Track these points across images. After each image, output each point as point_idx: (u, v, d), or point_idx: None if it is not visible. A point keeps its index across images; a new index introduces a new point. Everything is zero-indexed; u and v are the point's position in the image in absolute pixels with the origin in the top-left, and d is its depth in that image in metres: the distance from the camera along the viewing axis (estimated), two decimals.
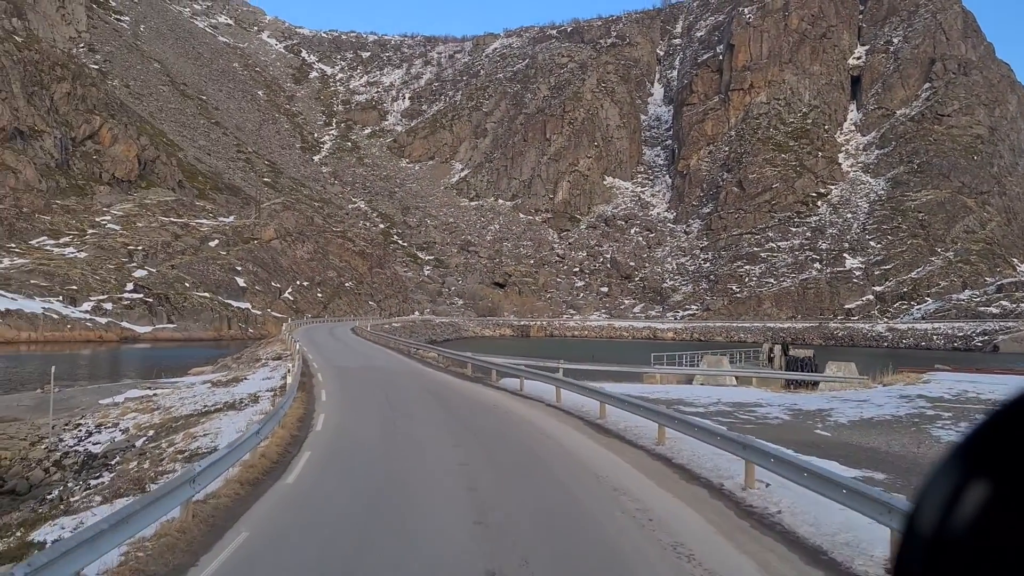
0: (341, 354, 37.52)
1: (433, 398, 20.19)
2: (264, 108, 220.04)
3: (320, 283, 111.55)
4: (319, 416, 16.54)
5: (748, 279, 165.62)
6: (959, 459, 0.73)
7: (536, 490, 10.38)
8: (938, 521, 0.71)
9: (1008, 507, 0.68)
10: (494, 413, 17.79)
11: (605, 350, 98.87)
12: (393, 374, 26.83)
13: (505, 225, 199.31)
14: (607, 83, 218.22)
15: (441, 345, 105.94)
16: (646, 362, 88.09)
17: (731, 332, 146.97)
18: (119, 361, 60.78)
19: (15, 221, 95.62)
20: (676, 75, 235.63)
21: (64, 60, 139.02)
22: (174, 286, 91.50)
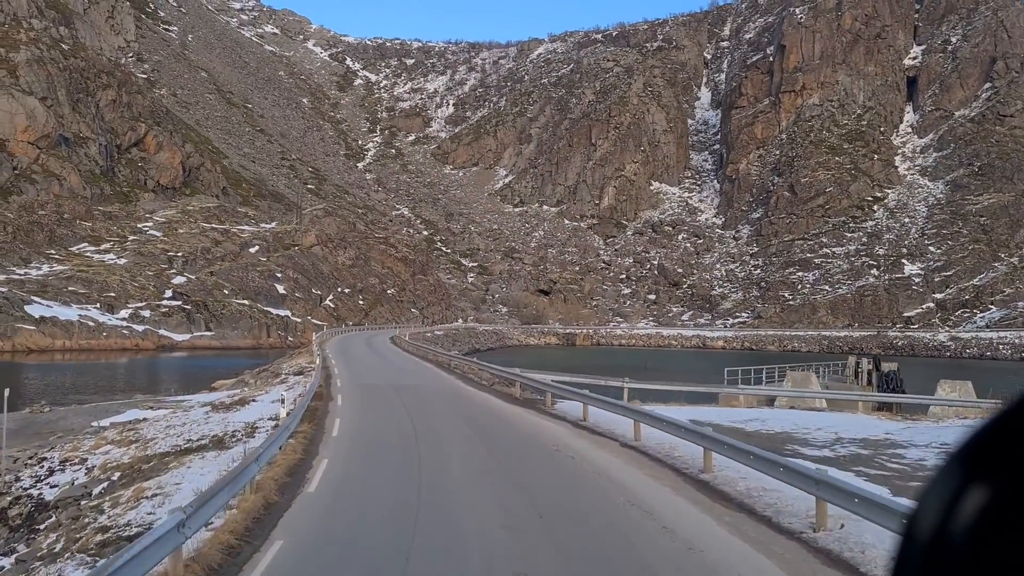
0: (372, 368, 33.36)
1: (476, 434, 15.77)
2: (309, 115, 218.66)
3: (362, 290, 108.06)
4: (319, 465, 12.30)
5: (801, 286, 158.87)
6: (958, 464, 0.72)
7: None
8: (937, 525, 0.70)
9: (1007, 512, 0.67)
10: (556, 460, 13.38)
11: (657, 360, 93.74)
12: (428, 396, 22.40)
13: (550, 231, 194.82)
14: (653, 87, 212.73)
15: (484, 354, 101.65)
16: (702, 373, 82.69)
17: (784, 341, 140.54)
18: (147, 372, 57.40)
19: (56, 227, 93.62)
20: (724, 78, 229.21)
21: (110, 68, 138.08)
22: (213, 293, 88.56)
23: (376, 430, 15.05)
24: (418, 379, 28.59)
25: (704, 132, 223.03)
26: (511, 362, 78.81)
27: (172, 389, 38.10)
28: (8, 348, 66.70)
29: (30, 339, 68.89)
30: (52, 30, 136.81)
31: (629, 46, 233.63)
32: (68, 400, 35.37)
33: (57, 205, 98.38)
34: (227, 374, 49.07)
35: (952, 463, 0.72)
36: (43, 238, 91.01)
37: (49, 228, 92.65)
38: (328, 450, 13.57)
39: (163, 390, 38.53)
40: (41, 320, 70.44)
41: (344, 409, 18.88)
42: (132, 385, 42.36)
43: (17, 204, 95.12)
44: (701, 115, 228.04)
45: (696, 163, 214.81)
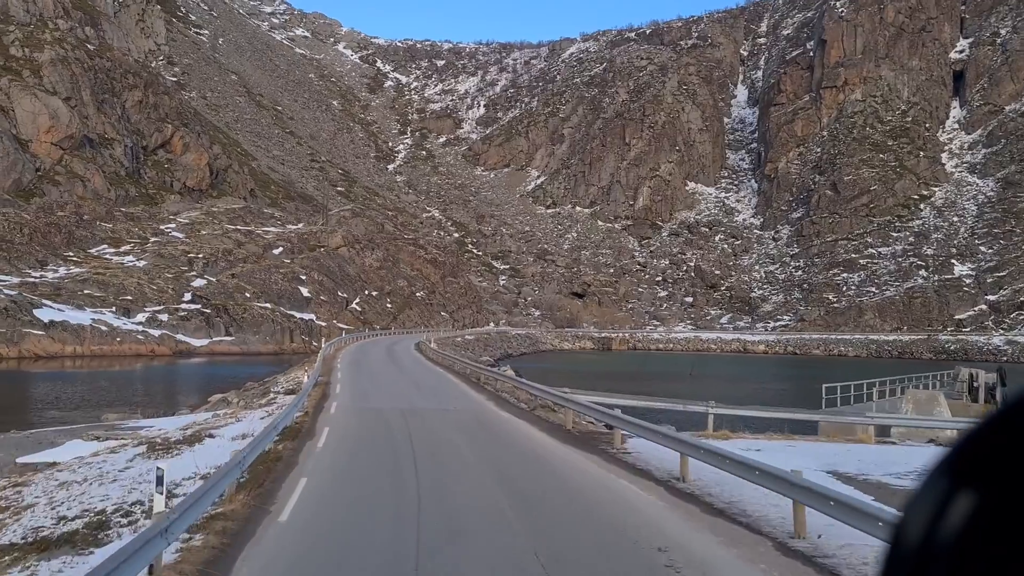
0: (384, 384, 27.26)
1: (515, 513, 9.42)
2: (339, 117, 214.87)
3: (390, 293, 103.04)
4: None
5: (846, 288, 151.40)
6: (946, 470, 0.71)
7: None
8: (924, 532, 0.69)
9: (994, 519, 0.66)
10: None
11: (699, 366, 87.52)
12: (448, 428, 16.40)
13: (583, 233, 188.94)
14: (688, 85, 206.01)
15: (517, 360, 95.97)
16: (750, 379, 76.37)
17: (829, 346, 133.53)
18: (151, 381, 52.54)
19: (74, 229, 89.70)
20: (761, 75, 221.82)
21: (136, 68, 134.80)
22: (234, 296, 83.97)
23: (355, 509, 9.43)
24: (438, 400, 22.67)
25: (741, 131, 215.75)
26: (547, 371, 73.00)
27: (159, 406, 32.98)
28: (14, 355, 62.44)
29: (38, 345, 64.61)
30: (78, 30, 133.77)
31: (663, 44, 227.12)
32: (44, 416, 30.37)
33: (77, 206, 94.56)
34: (235, 384, 44.04)
35: (939, 470, 0.71)
36: (61, 240, 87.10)
37: (67, 230, 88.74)
38: (251, 560, 7.55)
39: (153, 405, 33.46)
40: (50, 325, 66.14)
41: (322, 457, 12.73)
42: (124, 398, 37.35)
43: (36, 205, 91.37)
44: (737, 113, 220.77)
45: (733, 162, 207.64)
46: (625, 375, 74.27)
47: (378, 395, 23.59)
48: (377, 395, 23.58)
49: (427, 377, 31.61)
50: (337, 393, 23.45)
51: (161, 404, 33.67)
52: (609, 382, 66.27)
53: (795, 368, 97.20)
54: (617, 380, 68.20)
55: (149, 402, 35.40)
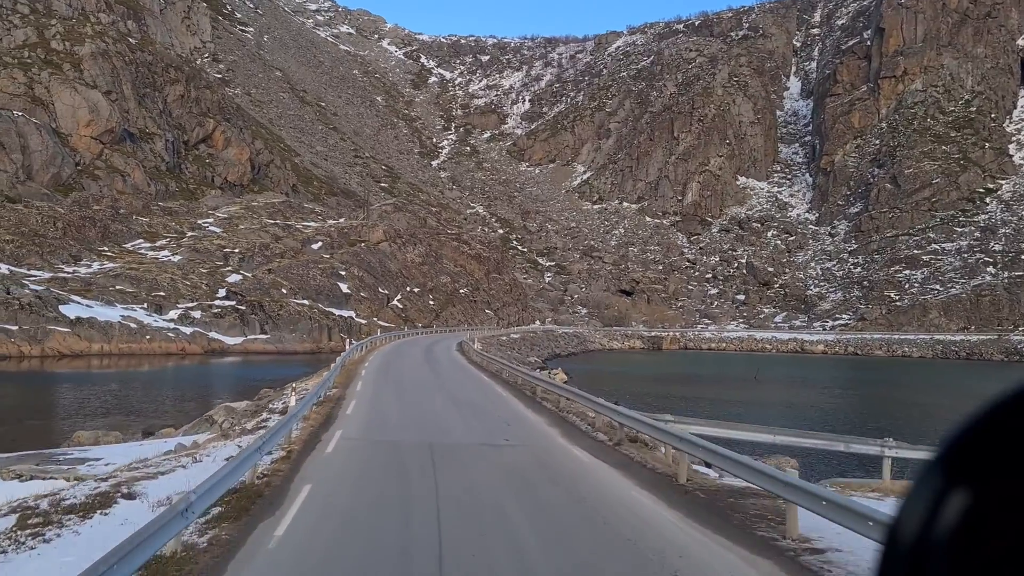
0: (414, 400, 21.17)
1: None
2: (383, 113, 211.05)
3: (432, 289, 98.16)
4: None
5: (908, 285, 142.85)
6: (940, 467, 0.69)
7: None
8: (920, 529, 0.68)
9: (989, 516, 0.65)
10: None
11: (751, 367, 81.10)
12: (497, 488, 10.57)
13: (631, 229, 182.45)
14: (739, 77, 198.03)
15: (565, 360, 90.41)
16: (830, 382, 69.80)
17: (893, 346, 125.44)
18: (171, 384, 48.12)
19: (110, 223, 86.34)
20: (815, 66, 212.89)
21: (178, 62, 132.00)
22: (270, 292, 79.74)
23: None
24: (483, 426, 16.86)
25: (794, 123, 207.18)
26: (599, 373, 67.33)
27: (151, 417, 28.22)
28: (37, 353, 58.70)
29: (63, 342, 60.86)
30: (120, 24, 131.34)
31: (713, 36, 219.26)
32: (16, 428, 25.71)
33: (113, 200, 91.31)
34: (254, 389, 39.40)
35: (934, 466, 0.70)
36: (95, 234, 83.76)
37: (103, 224, 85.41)
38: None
39: (145, 416, 28.70)
40: (77, 321, 62.39)
41: (274, 565, 7.25)
42: (126, 406, 32.67)
43: (71, 199, 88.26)
44: (790, 106, 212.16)
45: (786, 156, 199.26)
46: (682, 378, 68.30)
47: (402, 417, 17.67)
48: (401, 418, 17.65)
49: (469, 388, 25.74)
50: (348, 415, 17.63)
51: (156, 416, 28.90)
52: (667, 386, 60.47)
53: (865, 371, 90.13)
54: (675, 384, 62.34)
55: (150, 411, 30.68)
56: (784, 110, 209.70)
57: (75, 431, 22.15)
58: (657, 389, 56.44)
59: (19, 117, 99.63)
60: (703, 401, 46.63)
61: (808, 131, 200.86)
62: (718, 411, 40.66)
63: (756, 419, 39.09)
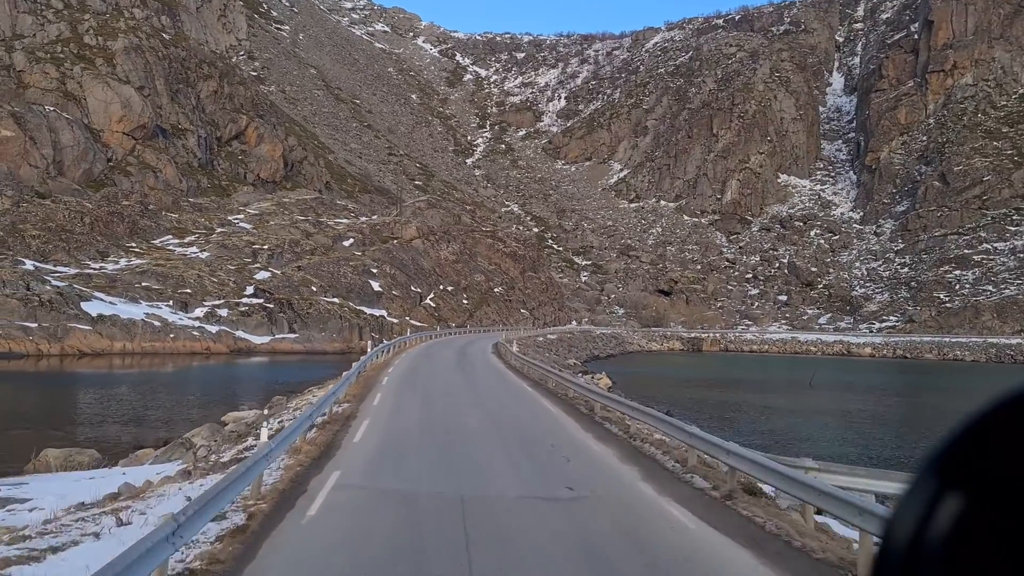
0: (443, 420, 16.80)
1: None
2: (417, 111, 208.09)
3: (466, 288, 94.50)
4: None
5: (959, 286, 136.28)
6: (933, 471, 0.68)
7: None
8: (913, 533, 0.67)
9: (982, 520, 0.64)
10: None
11: (796, 370, 76.31)
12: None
13: (668, 228, 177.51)
14: (781, 72, 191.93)
15: (604, 362, 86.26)
16: (889, 388, 64.90)
17: (944, 349, 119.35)
18: (180, 387, 44.88)
19: (139, 219, 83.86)
20: (859, 61, 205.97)
21: (211, 58, 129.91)
22: (299, 290, 76.62)
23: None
24: (531, 463, 12.68)
25: (837, 120, 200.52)
26: (642, 377, 63.09)
27: (139, 427, 24.74)
28: (56, 351, 55.94)
29: (84, 341, 58.11)
30: (154, 19, 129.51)
31: (753, 31, 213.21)
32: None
33: (143, 195, 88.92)
34: (274, 392, 36.00)
35: (927, 470, 0.69)
36: (124, 230, 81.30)
37: (131, 220, 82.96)
38: None
39: (135, 426, 25.24)
40: (99, 319, 59.61)
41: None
42: (127, 413, 29.23)
43: (100, 195, 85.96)
44: (833, 102, 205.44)
45: (828, 153, 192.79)
46: (730, 383, 63.82)
47: (426, 448, 13.36)
48: (424, 449, 13.32)
49: (510, 403, 21.04)
50: (355, 443, 13.45)
51: (156, 426, 25.44)
52: (715, 391, 56.12)
53: (919, 375, 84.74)
54: (723, 389, 57.99)
55: (153, 418, 27.22)
56: (827, 106, 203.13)
57: (23, 455, 18.58)
58: (706, 395, 52.14)
59: (51, 112, 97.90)
60: (758, 410, 42.31)
61: (852, 128, 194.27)
62: (779, 423, 36.34)
63: (817, 431, 34.71)
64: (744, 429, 32.44)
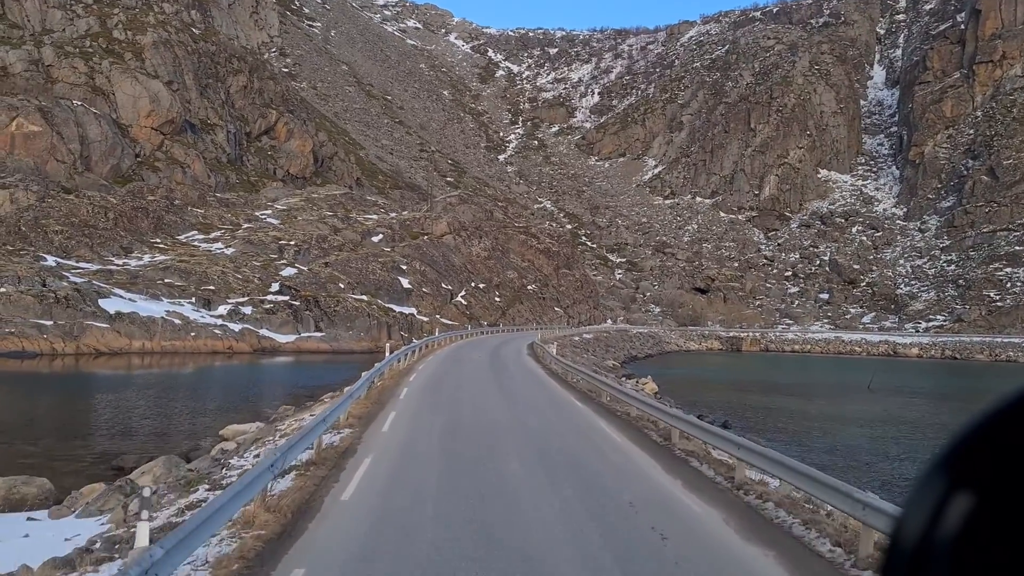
0: (475, 454, 12.78)
1: None
2: (449, 107, 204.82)
3: (499, 285, 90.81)
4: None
5: (1011, 284, 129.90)
6: (943, 470, 0.67)
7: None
8: (923, 532, 0.66)
9: (992, 520, 0.62)
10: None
11: (841, 372, 71.49)
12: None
13: (704, 225, 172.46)
14: (821, 65, 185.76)
15: (642, 363, 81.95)
16: (953, 392, 59.94)
17: (995, 349, 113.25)
18: (197, 390, 41.67)
19: (164, 214, 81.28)
20: (901, 53, 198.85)
21: (241, 53, 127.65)
22: (326, 287, 73.43)
23: None
24: (605, 539, 8.21)
25: (878, 114, 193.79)
26: (686, 380, 58.74)
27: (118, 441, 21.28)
28: (72, 350, 53.10)
29: (101, 339, 55.27)
30: (184, 14, 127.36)
31: (792, 23, 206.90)
32: None
33: (168, 190, 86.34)
34: (295, 397, 32.60)
35: (936, 469, 0.67)
36: (148, 225, 78.74)
37: (156, 215, 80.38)
38: None
39: (142, 435, 21.82)
40: (116, 317, 56.74)
41: None
42: (119, 423, 25.77)
43: (125, 189, 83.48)
44: (874, 95, 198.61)
45: (870, 148, 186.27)
46: (782, 387, 59.27)
47: (450, 520, 8.77)
48: (447, 520, 8.76)
49: (561, 429, 16.18)
50: (343, 501, 9.33)
51: (143, 439, 21.92)
52: (768, 396, 51.78)
53: (973, 378, 79.34)
54: (776, 394, 53.56)
55: (146, 430, 23.78)
56: (868, 100, 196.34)
57: (18, 463, 15.08)
58: (759, 401, 47.77)
59: (79, 107, 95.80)
60: (825, 420, 37.72)
61: (894, 122, 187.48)
62: (857, 438, 31.88)
63: (909, 449, 30.19)
64: (817, 445, 28.16)
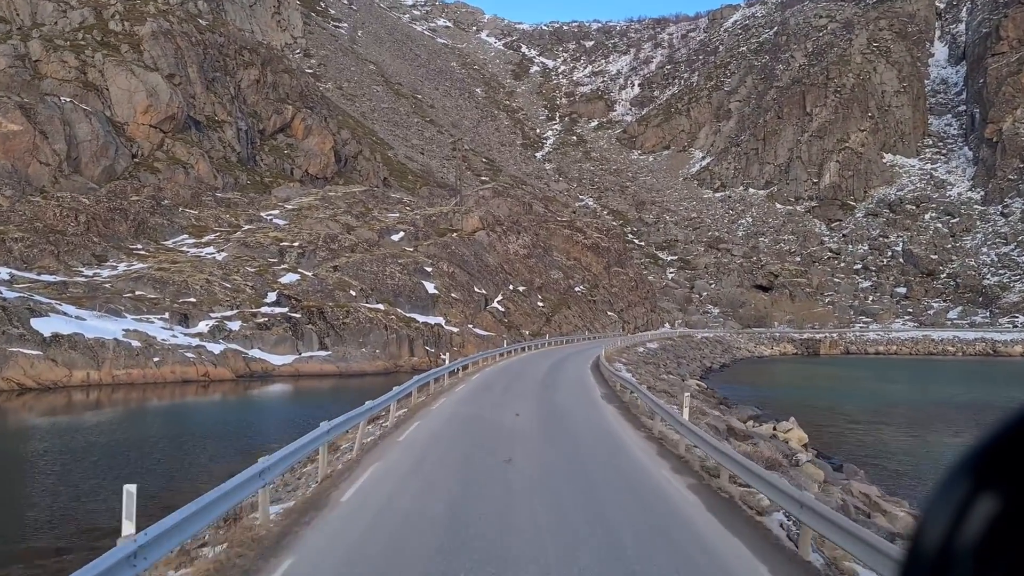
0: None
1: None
2: (483, 105, 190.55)
3: (541, 287, 75.76)
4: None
5: None
6: (967, 472, 0.63)
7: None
8: (944, 535, 0.62)
9: (1016, 523, 0.59)
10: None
11: (946, 377, 55.18)
12: None
13: (759, 217, 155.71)
14: (879, 42, 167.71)
15: (718, 375, 66.27)
16: None
17: None
18: (118, 445, 26.75)
19: (148, 215, 67.75)
20: (964, 28, 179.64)
21: (253, 44, 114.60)
22: (334, 295, 59.18)
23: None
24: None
25: (943, 92, 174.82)
26: (792, 402, 42.26)
27: None
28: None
29: (30, 370, 41.59)
30: (190, 5, 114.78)
31: (844, 0, 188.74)
32: None
33: (156, 189, 72.92)
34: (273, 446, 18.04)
35: (960, 471, 0.64)
36: (127, 229, 65.20)
37: (139, 217, 66.84)
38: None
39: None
40: (52, 341, 42.74)
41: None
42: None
43: (105, 189, 70.23)
44: (936, 74, 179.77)
45: (937, 128, 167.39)
46: (937, 412, 43.26)
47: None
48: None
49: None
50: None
51: None
52: (935, 432, 36.30)
53: None
54: (936, 425, 37.93)
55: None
56: (931, 79, 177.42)
57: None
58: (937, 444, 32.03)
59: (66, 103, 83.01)
60: None
61: (962, 100, 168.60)
62: None
63: None
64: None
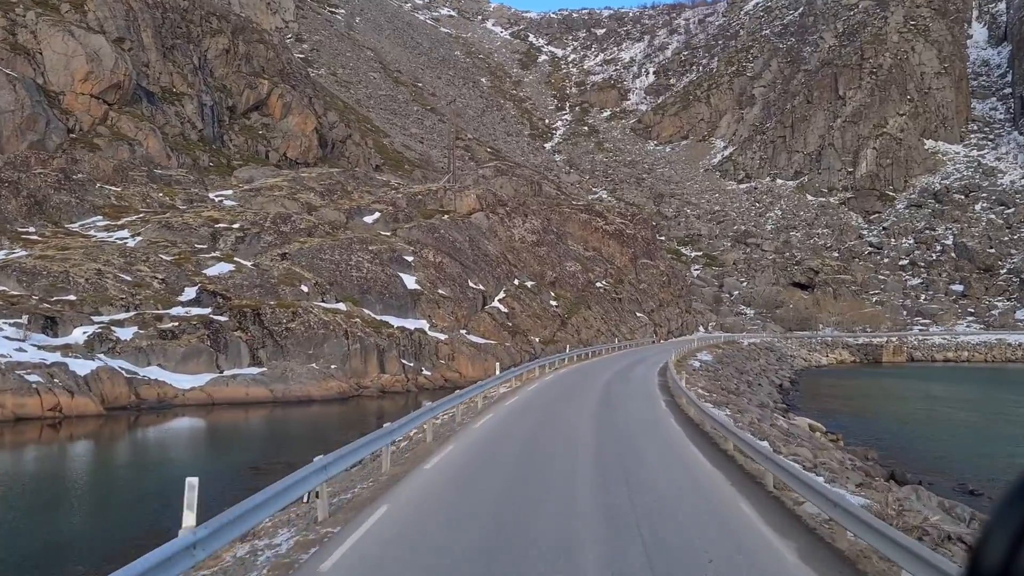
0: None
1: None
2: (488, 94, 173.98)
3: (554, 282, 58.97)
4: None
5: None
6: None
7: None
8: (1004, 557, 0.57)
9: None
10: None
11: None
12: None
13: (789, 210, 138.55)
14: (917, 20, 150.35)
15: (796, 396, 49.16)
16: None
17: None
18: None
19: (51, 193, 51.27)
20: (1005, 7, 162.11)
21: (222, 10, 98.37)
22: (277, 291, 42.67)
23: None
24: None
25: (985, 75, 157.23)
26: (922, 449, 26.69)
27: None
28: None
29: None
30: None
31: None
32: None
33: (70, 161, 56.48)
34: None
35: (1022, 491, 0.59)
36: (17, 208, 48.69)
37: (38, 194, 50.33)
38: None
39: None
40: None
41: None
42: None
43: (1, 160, 53.79)
44: (977, 55, 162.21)
45: (981, 112, 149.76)
46: None
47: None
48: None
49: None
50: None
51: None
52: None
53: None
54: None
55: None
56: (971, 61, 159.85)
57: None
58: None
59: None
60: None
61: (1007, 82, 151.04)
62: None
63: None
64: None
